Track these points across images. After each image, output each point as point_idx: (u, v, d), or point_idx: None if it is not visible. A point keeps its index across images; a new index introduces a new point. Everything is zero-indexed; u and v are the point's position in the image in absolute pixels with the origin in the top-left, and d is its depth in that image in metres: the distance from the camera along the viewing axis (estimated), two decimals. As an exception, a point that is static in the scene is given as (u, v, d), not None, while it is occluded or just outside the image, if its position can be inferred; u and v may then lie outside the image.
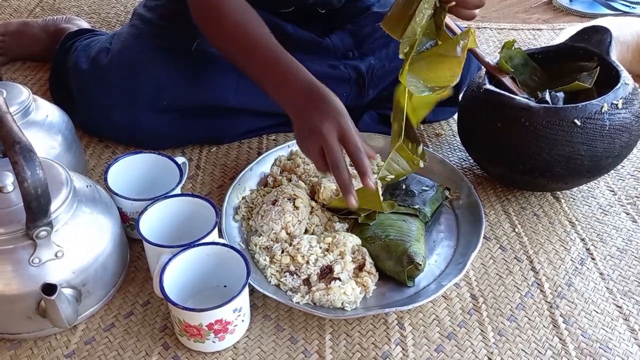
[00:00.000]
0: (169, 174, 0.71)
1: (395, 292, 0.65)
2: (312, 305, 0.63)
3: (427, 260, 0.69)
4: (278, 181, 0.79)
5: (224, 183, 0.83)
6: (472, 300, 0.66)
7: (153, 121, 0.83)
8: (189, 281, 0.62)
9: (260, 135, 0.93)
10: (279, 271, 0.66)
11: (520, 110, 0.69)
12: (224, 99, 0.84)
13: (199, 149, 0.90)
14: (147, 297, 0.66)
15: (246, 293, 0.59)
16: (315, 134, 0.62)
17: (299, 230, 0.70)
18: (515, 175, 0.76)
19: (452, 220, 0.75)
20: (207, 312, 0.55)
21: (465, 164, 0.87)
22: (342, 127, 0.62)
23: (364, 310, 0.62)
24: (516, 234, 0.75)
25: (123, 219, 0.69)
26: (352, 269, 0.65)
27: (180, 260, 0.60)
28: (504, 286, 0.68)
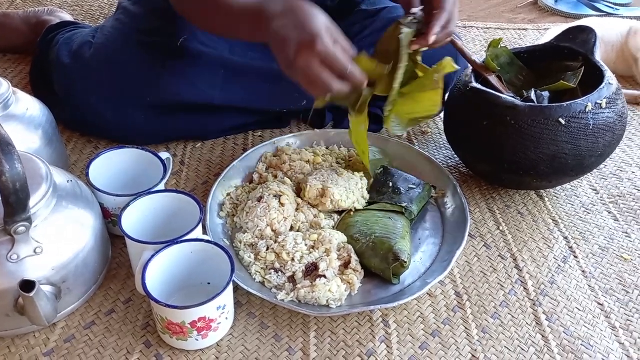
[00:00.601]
0: (153, 170, 0.70)
1: (380, 290, 0.65)
2: (297, 303, 0.62)
3: (412, 257, 0.69)
4: (264, 178, 0.79)
5: (208, 179, 0.82)
6: (456, 297, 0.66)
7: (136, 117, 0.82)
8: (172, 278, 0.61)
9: (246, 132, 0.92)
10: (263, 268, 0.66)
11: (506, 109, 0.70)
12: (209, 96, 0.83)
13: (183, 144, 0.89)
14: (129, 294, 0.65)
15: (230, 290, 0.59)
16: (293, 68, 0.58)
17: (285, 227, 0.70)
18: (501, 174, 0.76)
19: (437, 218, 0.76)
20: (190, 309, 0.55)
21: (451, 162, 0.87)
22: (319, 51, 0.56)
23: (349, 308, 0.62)
24: (500, 232, 0.76)
25: (105, 215, 0.68)
26: (337, 266, 0.65)
27: (163, 257, 0.59)
28: (488, 284, 0.68)
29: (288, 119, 0.94)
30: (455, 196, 0.76)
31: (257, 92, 0.86)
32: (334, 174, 0.76)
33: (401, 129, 0.69)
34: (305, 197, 0.73)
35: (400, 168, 0.84)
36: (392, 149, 0.85)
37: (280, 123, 0.93)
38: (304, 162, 0.80)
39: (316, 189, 0.73)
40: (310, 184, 0.73)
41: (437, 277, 0.64)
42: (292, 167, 0.79)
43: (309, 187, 0.73)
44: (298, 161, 0.79)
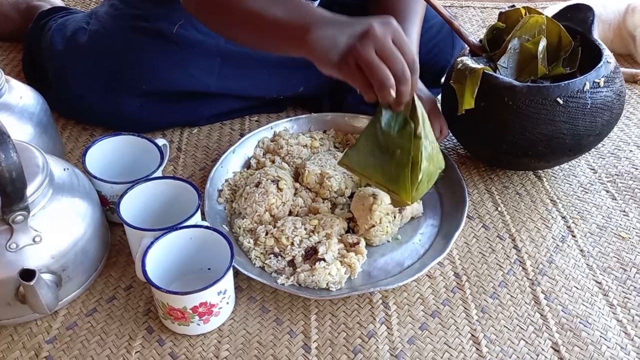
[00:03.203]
0: (150, 157, 0.70)
1: (380, 272, 0.66)
2: (297, 287, 0.63)
3: (411, 239, 0.70)
4: (261, 163, 0.78)
5: (206, 165, 0.82)
6: (455, 278, 0.67)
7: (131, 105, 0.81)
8: (172, 264, 0.61)
9: (242, 117, 0.92)
10: (263, 253, 0.66)
11: (503, 89, 0.69)
12: (205, 84, 0.83)
13: (179, 130, 0.88)
14: (129, 281, 0.65)
15: (230, 275, 0.59)
16: (344, 63, 0.53)
17: (283, 212, 0.70)
18: (499, 155, 0.76)
19: (435, 199, 0.76)
20: (191, 295, 0.55)
21: (449, 143, 0.87)
22: (377, 36, 0.51)
23: (348, 290, 0.63)
24: (499, 212, 0.76)
25: (103, 203, 0.68)
26: (337, 249, 0.65)
27: (162, 244, 0.59)
28: (487, 264, 0.69)
29: (285, 104, 0.94)
30: (453, 177, 0.76)
31: (254, 80, 0.86)
32: (332, 158, 0.76)
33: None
34: (304, 182, 0.74)
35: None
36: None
37: (277, 107, 0.93)
38: (301, 146, 0.80)
39: (315, 174, 0.73)
40: (309, 169, 0.73)
41: (436, 259, 0.65)
42: (290, 151, 0.79)
43: (307, 173, 0.73)
44: (295, 146, 0.79)
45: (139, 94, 0.81)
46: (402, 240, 0.70)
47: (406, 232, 0.71)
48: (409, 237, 0.71)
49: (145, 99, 0.82)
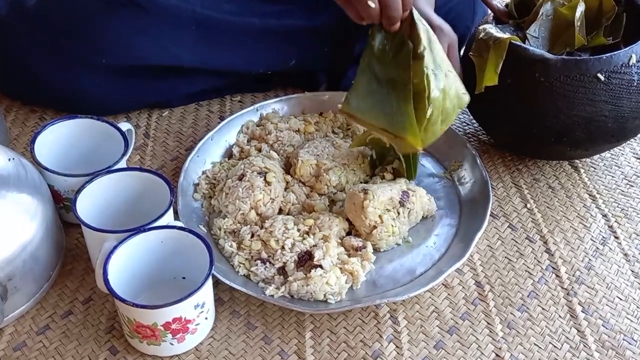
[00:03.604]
0: (111, 144, 0.70)
1: (387, 281, 0.66)
2: (289, 299, 0.63)
3: (424, 242, 0.70)
4: (245, 152, 0.78)
5: (179, 154, 0.82)
6: (477, 288, 0.67)
7: (89, 82, 0.81)
8: (139, 273, 0.61)
9: (222, 96, 0.91)
10: (248, 259, 0.66)
11: (533, 62, 0.69)
12: (177, 57, 0.82)
13: (147, 113, 0.88)
14: (88, 292, 0.65)
15: (209, 286, 0.59)
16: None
17: (272, 210, 0.70)
18: (528, 141, 0.76)
19: (453, 194, 0.76)
20: (162, 309, 0.55)
21: (469, 128, 0.87)
22: None
23: (350, 303, 0.62)
24: (528, 210, 0.76)
25: (56, 200, 0.67)
26: (336, 254, 0.65)
27: (128, 248, 0.59)
28: (514, 271, 0.69)
29: (273, 81, 0.93)
30: (474, 168, 0.76)
31: (237, 52, 0.85)
32: (330, 146, 0.75)
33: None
34: (296, 174, 0.73)
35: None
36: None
37: (264, 85, 0.92)
38: (293, 131, 0.79)
39: (309, 164, 0.72)
40: (302, 158, 0.73)
41: (454, 265, 0.65)
42: (279, 138, 0.78)
43: (301, 163, 0.73)
44: (286, 131, 0.79)
45: (98, 68, 0.80)
46: (413, 243, 0.70)
47: (418, 233, 0.71)
48: (421, 240, 0.70)
49: (106, 74, 0.81)
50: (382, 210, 0.67)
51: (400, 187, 0.70)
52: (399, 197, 0.68)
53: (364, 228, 0.68)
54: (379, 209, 0.67)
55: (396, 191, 0.69)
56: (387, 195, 0.68)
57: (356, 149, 0.76)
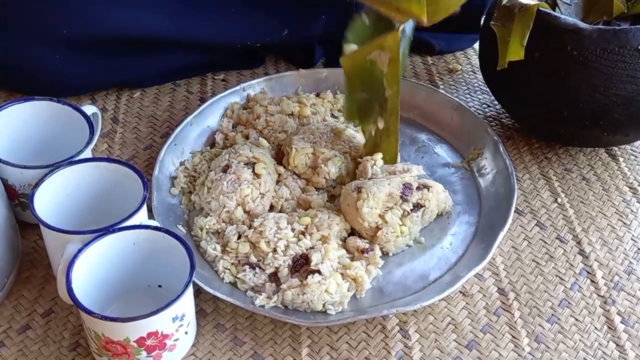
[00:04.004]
0: (74, 131, 0.70)
1: (396, 288, 0.66)
2: (282, 309, 0.63)
3: (439, 243, 0.70)
4: (230, 139, 0.78)
5: (153, 143, 0.82)
6: (500, 296, 0.67)
7: (48, 57, 0.81)
8: (108, 280, 0.61)
9: (203, 74, 0.92)
10: (234, 264, 0.66)
11: (565, 33, 0.70)
12: (151, 27, 0.82)
13: (115, 94, 0.88)
14: (49, 303, 0.65)
15: (190, 295, 0.59)
16: None
17: (262, 206, 0.70)
18: (558, 125, 0.76)
19: (472, 187, 0.76)
20: (135, 322, 0.55)
21: (490, 110, 0.88)
22: None
23: (353, 314, 0.63)
24: (559, 205, 0.76)
25: (10, 195, 0.68)
26: (336, 257, 0.65)
27: (94, 252, 0.59)
28: (543, 276, 0.69)
29: (262, 56, 0.93)
30: (496, 157, 0.76)
31: (220, 21, 0.85)
32: (329, 131, 0.76)
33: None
34: (290, 165, 0.74)
35: (420, 120, 0.84)
36: (408, 94, 0.84)
37: (251, 61, 0.92)
38: (285, 115, 0.79)
39: (304, 154, 0.73)
40: (296, 146, 0.73)
41: (474, 269, 0.65)
42: (270, 123, 0.78)
43: (295, 152, 0.73)
44: (277, 114, 0.79)
45: (58, 41, 0.80)
46: (426, 245, 0.70)
47: (432, 232, 0.72)
48: (435, 240, 0.71)
49: (68, 48, 0.81)
50: (381, 209, 0.67)
51: (402, 179, 0.70)
52: (399, 192, 0.68)
53: (365, 231, 0.68)
54: (376, 208, 0.67)
55: (396, 185, 0.69)
56: (385, 191, 0.68)
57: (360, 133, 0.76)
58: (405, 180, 0.70)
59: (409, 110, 0.84)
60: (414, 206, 0.69)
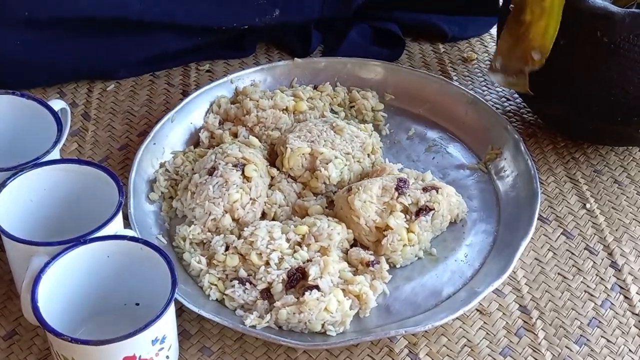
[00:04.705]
0: (40, 129, 0.70)
1: (404, 306, 0.66)
2: (276, 330, 0.63)
3: (452, 255, 0.70)
4: (217, 137, 0.78)
5: (129, 142, 0.82)
6: (521, 314, 0.67)
7: (8, 42, 0.81)
8: (79, 298, 0.61)
9: (186, 64, 0.92)
10: (222, 279, 0.66)
11: (594, 18, 0.70)
12: (126, 8, 0.82)
13: (86, 87, 0.88)
14: (11, 324, 0.65)
15: (171, 314, 0.59)
16: None
17: (253, 213, 0.70)
18: (587, 122, 0.76)
19: (489, 192, 0.76)
20: (110, 345, 0.55)
21: (510, 104, 0.88)
22: None
23: (357, 335, 0.63)
24: (588, 212, 0.77)
25: (-33, 202, 0.67)
26: (337, 272, 0.65)
27: (63, 265, 0.59)
28: (570, 292, 0.69)
29: (252, 42, 0.93)
30: (517, 158, 0.76)
31: (204, 2, 0.85)
32: (328, 129, 0.75)
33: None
34: (284, 167, 0.73)
35: (430, 116, 0.84)
36: (418, 88, 0.85)
37: (240, 48, 0.92)
38: (279, 110, 0.79)
39: (301, 154, 0.73)
40: (292, 146, 0.73)
41: (492, 284, 0.65)
42: (261, 119, 0.78)
43: (290, 152, 0.73)
44: (270, 110, 0.79)
45: (19, 24, 0.80)
46: (438, 257, 0.70)
47: (445, 243, 0.72)
48: (449, 252, 0.71)
49: (30, 33, 0.81)
50: (378, 205, 0.68)
51: (396, 175, 0.71)
52: (393, 184, 0.69)
53: (364, 235, 0.68)
54: (371, 202, 0.68)
55: (389, 179, 0.70)
56: (377, 184, 0.69)
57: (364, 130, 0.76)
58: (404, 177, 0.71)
59: (418, 104, 0.84)
60: (422, 209, 0.69)
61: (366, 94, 0.85)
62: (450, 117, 0.83)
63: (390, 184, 0.69)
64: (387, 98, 0.86)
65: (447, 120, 0.83)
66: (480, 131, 0.80)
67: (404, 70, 0.87)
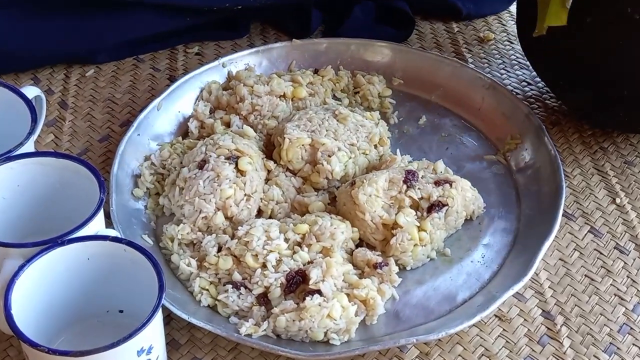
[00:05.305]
0: (12, 119, 0.70)
1: (415, 312, 0.66)
2: (274, 339, 0.63)
3: (468, 255, 0.71)
4: (207, 127, 0.78)
5: (111, 132, 0.82)
6: (545, 320, 0.67)
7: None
8: (57, 304, 0.61)
9: (173, 46, 0.92)
10: (214, 283, 0.66)
11: (624, -7, 0.70)
12: None
13: (63, 72, 0.88)
14: (-17, 334, 0.65)
15: (159, 322, 0.59)
16: None
17: (247, 211, 0.70)
18: (616, 108, 0.76)
19: (509, 186, 0.76)
20: (91, 356, 0.55)
21: (531, 89, 0.88)
22: None
23: (363, 344, 0.63)
24: (618, 207, 0.77)
25: None
26: (341, 274, 0.65)
27: (40, 269, 0.59)
28: (599, 296, 0.69)
29: (246, 22, 0.93)
30: (539, 148, 0.77)
31: None
32: (331, 117, 0.76)
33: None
34: (282, 160, 0.74)
35: (443, 102, 0.84)
36: (430, 72, 0.85)
37: (232, 29, 0.93)
38: (275, 97, 0.79)
39: (300, 145, 0.73)
40: (290, 136, 0.73)
41: (512, 288, 0.65)
42: (256, 107, 0.78)
43: (288, 143, 0.73)
44: (266, 96, 0.79)
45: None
46: (452, 257, 0.71)
47: (459, 242, 0.72)
48: (464, 252, 0.71)
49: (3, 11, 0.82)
50: (384, 199, 0.68)
51: (404, 167, 0.71)
52: (401, 177, 0.69)
53: (370, 233, 0.68)
54: (377, 196, 0.68)
55: (397, 171, 0.70)
56: (383, 177, 0.69)
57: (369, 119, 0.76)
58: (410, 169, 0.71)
59: (430, 90, 0.84)
60: (434, 205, 0.69)
61: (372, 78, 0.85)
62: (466, 103, 0.83)
63: (398, 176, 0.70)
64: (396, 83, 0.86)
65: (462, 107, 0.83)
66: (498, 119, 0.80)
67: (414, 52, 0.87)
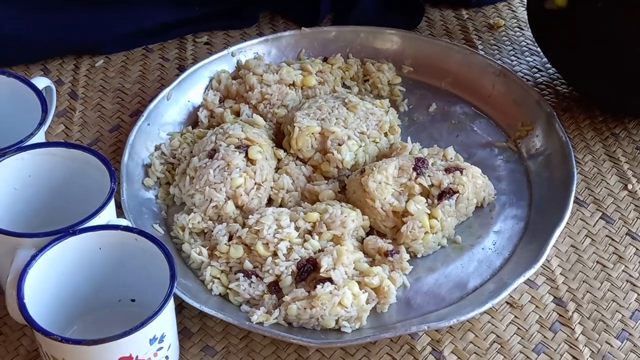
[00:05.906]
0: (23, 109, 0.70)
1: (427, 299, 0.66)
2: (285, 327, 0.63)
3: (479, 243, 0.71)
4: (217, 116, 0.78)
5: (121, 122, 0.82)
6: (557, 307, 0.67)
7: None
8: (69, 294, 0.61)
9: (182, 36, 0.92)
10: (225, 271, 0.66)
11: (636, -23, 0.69)
12: None
13: (73, 63, 0.88)
14: (-4, 324, 0.66)
15: (171, 311, 0.59)
16: None
17: (258, 200, 0.70)
18: (629, 94, 0.76)
19: (520, 173, 0.76)
20: (103, 345, 0.55)
21: (542, 76, 0.87)
22: None
23: (374, 332, 0.63)
24: (630, 193, 0.76)
25: (-55, 191, 0.68)
26: (352, 263, 0.65)
27: (52, 259, 0.59)
28: (611, 282, 0.69)
29: (254, 11, 0.93)
30: (550, 134, 0.76)
31: None
32: (340, 105, 0.76)
33: None
34: (292, 148, 0.74)
35: (454, 89, 0.84)
36: (440, 59, 0.84)
37: (241, 18, 0.93)
38: (285, 86, 0.80)
39: (310, 134, 0.73)
40: (300, 124, 0.73)
41: (523, 275, 0.65)
42: (266, 95, 0.78)
43: (298, 132, 0.73)
44: (275, 85, 0.79)
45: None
46: (463, 245, 0.71)
47: (470, 229, 0.72)
48: (475, 239, 0.71)
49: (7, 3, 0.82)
50: (394, 186, 0.68)
51: (414, 155, 0.71)
52: (411, 164, 0.69)
53: (381, 221, 0.68)
54: (387, 183, 0.68)
55: (406, 158, 0.70)
56: (393, 164, 0.69)
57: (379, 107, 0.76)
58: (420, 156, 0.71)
59: (440, 77, 0.84)
60: (445, 192, 0.69)
61: (382, 66, 0.85)
62: (476, 90, 0.82)
63: (408, 163, 0.70)
64: (405, 70, 0.86)
65: (472, 94, 0.83)
66: (509, 106, 0.80)
67: (424, 39, 0.87)
